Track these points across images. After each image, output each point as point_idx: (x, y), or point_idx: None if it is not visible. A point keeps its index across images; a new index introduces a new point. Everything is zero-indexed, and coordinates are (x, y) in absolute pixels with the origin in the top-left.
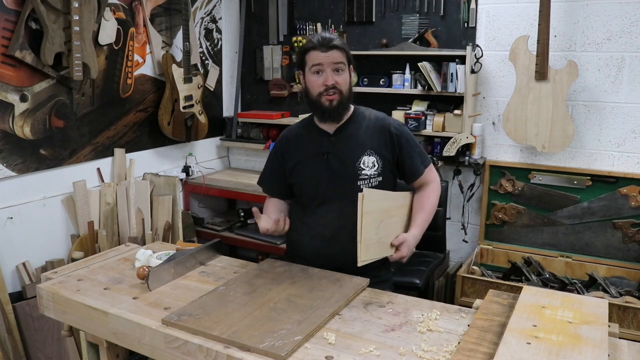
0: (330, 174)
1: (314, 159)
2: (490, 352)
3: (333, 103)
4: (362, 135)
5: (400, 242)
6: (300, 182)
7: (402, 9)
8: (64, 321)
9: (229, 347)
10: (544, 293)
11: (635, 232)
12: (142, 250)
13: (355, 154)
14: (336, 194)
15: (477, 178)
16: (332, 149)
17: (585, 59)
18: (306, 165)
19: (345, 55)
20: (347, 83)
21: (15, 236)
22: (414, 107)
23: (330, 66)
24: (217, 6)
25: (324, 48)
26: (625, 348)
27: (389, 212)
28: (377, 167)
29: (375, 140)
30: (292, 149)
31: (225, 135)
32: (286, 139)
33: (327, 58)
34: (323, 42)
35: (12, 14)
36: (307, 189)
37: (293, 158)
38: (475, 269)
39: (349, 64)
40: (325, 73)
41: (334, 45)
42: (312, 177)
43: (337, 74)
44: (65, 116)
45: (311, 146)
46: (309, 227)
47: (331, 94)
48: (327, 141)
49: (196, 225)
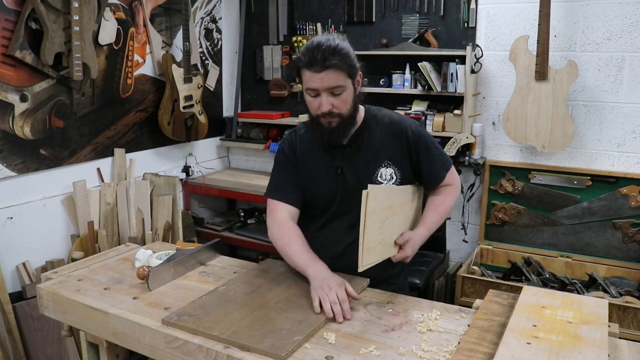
0: (345, 189)
1: (327, 172)
2: (490, 352)
3: (332, 124)
4: (377, 144)
5: (405, 241)
6: (314, 196)
7: (402, 9)
8: (64, 321)
9: (229, 347)
10: (544, 293)
11: (635, 232)
12: (142, 250)
13: (371, 167)
14: (351, 208)
15: (477, 178)
16: (346, 161)
17: (585, 59)
18: (319, 179)
19: (345, 72)
20: (348, 102)
21: (15, 236)
22: (414, 107)
23: (326, 91)
24: (217, 6)
25: (317, 68)
26: (625, 348)
27: (393, 208)
28: (395, 178)
29: (392, 149)
30: (302, 157)
31: (225, 135)
32: (293, 146)
33: (322, 82)
34: (316, 61)
35: (12, 14)
36: (320, 204)
37: (304, 168)
38: (475, 269)
39: (352, 77)
40: (321, 98)
41: (328, 66)
42: (326, 192)
43: (335, 97)
44: (65, 116)
45: (322, 158)
46: (319, 242)
47: (327, 119)
48: (341, 153)
49: (196, 225)
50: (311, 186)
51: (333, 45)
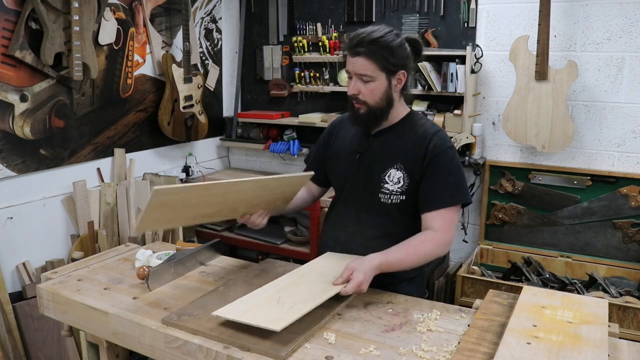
0: (357, 176)
1: (349, 154)
2: (490, 352)
3: (360, 111)
4: (398, 145)
5: (349, 272)
6: (332, 175)
7: (402, 9)
8: (64, 321)
9: (229, 347)
10: (544, 293)
11: (635, 232)
12: (142, 250)
13: (384, 164)
14: (357, 199)
15: (477, 178)
16: (367, 150)
17: (585, 59)
18: (340, 159)
19: (377, 64)
20: (376, 94)
21: (15, 236)
22: (414, 107)
23: (356, 75)
24: (217, 6)
25: (351, 52)
26: (625, 348)
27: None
28: (402, 184)
29: (409, 155)
30: (338, 135)
31: (225, 135)
32: (337, 124)
33: (353, 66)
34: (351, 44)
35: (12, 14)
36: (335, 185)
37: (335, 146)
38: (475, 269)
39: (387, 71)
40: (352, 80)
41: (359, 52)
42: (341, 173)
43: (363, 84)
44: (65, 116)
45: (351, 140)
46: (330, 226)
47: (356, 102)
48: (365, 141)
49: (196, 225)
50: (334, 164)
51: (375, 35)
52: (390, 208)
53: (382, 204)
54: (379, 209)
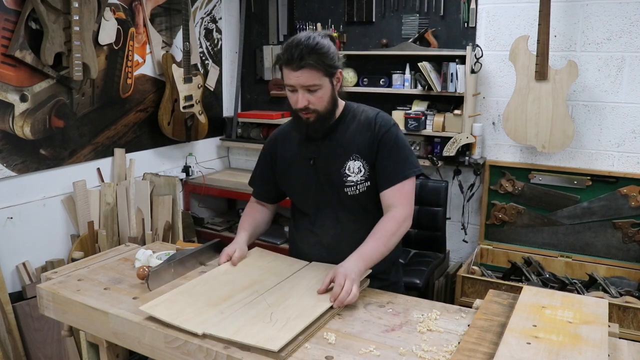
0: (318, 180)
1: (301, 163)
2: (490, 352)
3: (310, 119)
4: (348, 138)
5: (330, 279)
6: (291, 188)
7: (402, 9)
8: (64, 321)
9: (229, 347)
10: (544, 293)
11: (635, 232)
12: (142, 250)
13: (340, 159)
14: (327, 201)
15: (477, 178)
16: (319, 153)
17: (585, 59)
18: (294, 170)
19: (321, 71)
20: (324, 99)
21: (15, 236)
22: (414, 107)
23: (302, 88)
24: (217, 6)
25: (293, 66)
26: (625, 348)
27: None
28: (363, 172)
29: (361, 142)
30: (280, 150)
31: (225, 135)
32: (274, 140)
33: (298, 79)
34: (293, 60)
35: (12, 14)
36: (298, 196)
37: (282, 161)
38: (475, 269)
39: (329, 75)
40: (297, 94)
41: (304, 65)
42: (300, 183)
43: (311, 94)
44: (65, 116)
45: (299, 149)
46: (307, 235)
47: (304, 113)
48: (314, 145)
49: (196, 225)
50: (289, 178)
51: (312, 44)
52: (360, 198)
53: (351, 196)
54: (350, 202)
